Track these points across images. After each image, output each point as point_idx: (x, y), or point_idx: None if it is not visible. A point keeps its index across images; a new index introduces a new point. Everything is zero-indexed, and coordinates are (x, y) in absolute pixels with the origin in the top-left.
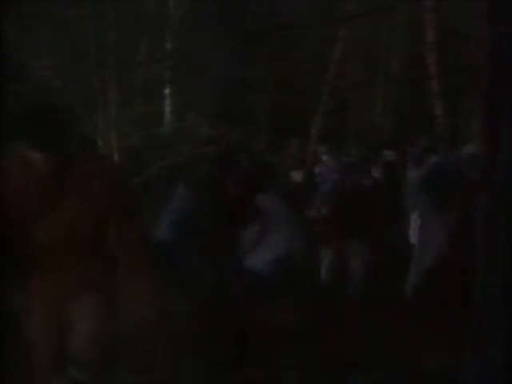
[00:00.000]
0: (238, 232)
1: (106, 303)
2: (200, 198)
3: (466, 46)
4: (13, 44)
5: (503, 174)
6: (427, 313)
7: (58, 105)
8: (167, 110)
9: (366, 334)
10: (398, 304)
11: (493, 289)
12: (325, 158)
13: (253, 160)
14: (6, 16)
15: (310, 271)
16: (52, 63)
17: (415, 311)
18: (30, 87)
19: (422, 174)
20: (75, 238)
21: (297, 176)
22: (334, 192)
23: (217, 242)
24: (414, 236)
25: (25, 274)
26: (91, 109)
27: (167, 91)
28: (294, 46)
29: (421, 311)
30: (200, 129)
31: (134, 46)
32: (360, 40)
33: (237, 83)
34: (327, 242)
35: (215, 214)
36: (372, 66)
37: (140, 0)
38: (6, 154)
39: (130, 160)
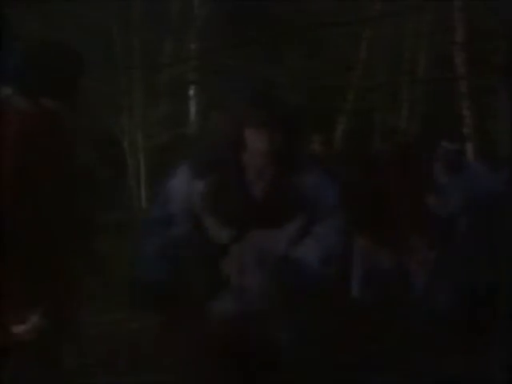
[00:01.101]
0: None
1: None
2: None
3: (495, 46)
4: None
5: None
6: (450, 314)
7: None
8: (192, 109)
9: (383, 335)
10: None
11: None
12: None
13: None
14: (29, 14)
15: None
16: None
17: (438, 312)
18: None
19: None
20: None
21: None
22: None
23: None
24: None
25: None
26: (117, 109)
27: (192, 91)
28: (320, 45)
29: (444, 312)
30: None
31: (159, 47)
32: (386, 40)
33: (262, 83)
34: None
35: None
36: (398, 67)
37: (165, 0)
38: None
39: (156, 159)
